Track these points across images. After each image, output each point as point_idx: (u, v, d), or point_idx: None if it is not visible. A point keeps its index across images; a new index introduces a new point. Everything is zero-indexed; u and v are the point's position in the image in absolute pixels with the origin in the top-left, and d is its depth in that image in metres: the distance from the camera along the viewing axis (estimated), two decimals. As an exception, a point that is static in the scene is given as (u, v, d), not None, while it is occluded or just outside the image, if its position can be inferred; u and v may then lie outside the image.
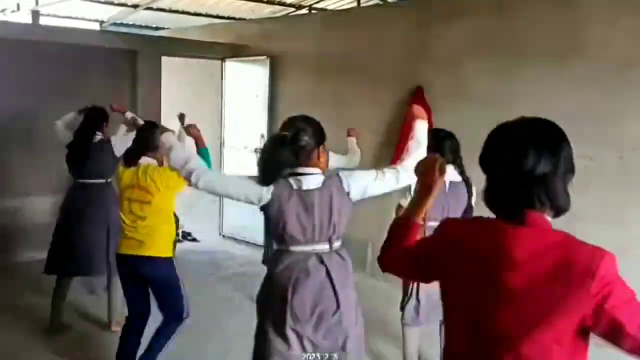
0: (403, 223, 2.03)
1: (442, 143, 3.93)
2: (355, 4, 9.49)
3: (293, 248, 2.81)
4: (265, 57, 7.81)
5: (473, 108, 5.74)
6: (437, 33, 6.11)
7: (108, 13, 10.39)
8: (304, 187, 2.78)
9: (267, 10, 10.17)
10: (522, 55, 5.41)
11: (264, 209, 2.81)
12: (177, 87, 8.71)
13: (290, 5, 10.04)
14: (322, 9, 10.20)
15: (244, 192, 2.77)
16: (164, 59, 7.89)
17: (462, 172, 4.03)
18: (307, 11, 10.16)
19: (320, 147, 2.86)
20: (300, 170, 2.80)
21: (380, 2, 9.29)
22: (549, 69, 5.23)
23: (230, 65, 8.37)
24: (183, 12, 10.21)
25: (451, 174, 3.91)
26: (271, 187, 2.75)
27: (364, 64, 6.77)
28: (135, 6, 9.66)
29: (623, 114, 4.82)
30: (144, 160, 3.96)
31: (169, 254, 3.96)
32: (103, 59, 7.43)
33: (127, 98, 7.53)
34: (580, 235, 1.62)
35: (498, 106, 5.56)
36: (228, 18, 10.48)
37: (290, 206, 2.75)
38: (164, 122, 7.85)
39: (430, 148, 3.04)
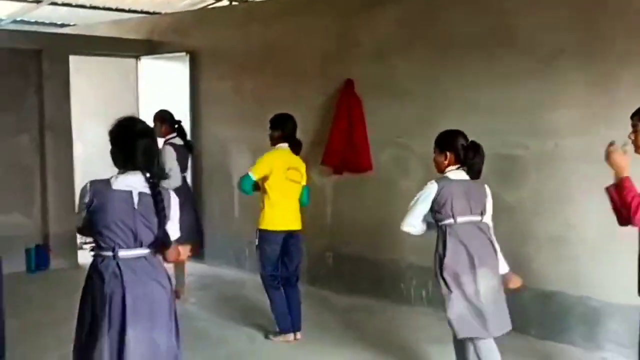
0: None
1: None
2: (278, -5, 9.49)
3: None
4: (184, 53, 7.70)
5: (403, 101, 5.82)
6: (363, 23, 6.15)
7: (7, 9, 10.02)
8: None
9: (183, 3, 10.03)
10: (450, 46, 5.53)
11: None
12: (89, 88, 8.47)
13: (209, -4, 9.95)
14: (244, 1, 10.14)
15: None
16: (73, 58, 7.66)
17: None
18: (227, 2, 10.09)
19: None
20: None
21: (305, -8, 9.32)
22: (478, 60, 5.36)
23: (146, 63, 8.21)
24: (91, 7, 9.93)
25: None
26: None
27: (289, 57, 6.75)
28: (38, 1, 9.35)
29: (555, 102, 5.00)
30: None
31: None
32: (3, 59, 7.14)
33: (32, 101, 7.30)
34: (521, 226, 1.66)
35: (428, 99, 5.66)
36: (141, 12, 10.28)
37: None
38: (74, 125, 7.64)
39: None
